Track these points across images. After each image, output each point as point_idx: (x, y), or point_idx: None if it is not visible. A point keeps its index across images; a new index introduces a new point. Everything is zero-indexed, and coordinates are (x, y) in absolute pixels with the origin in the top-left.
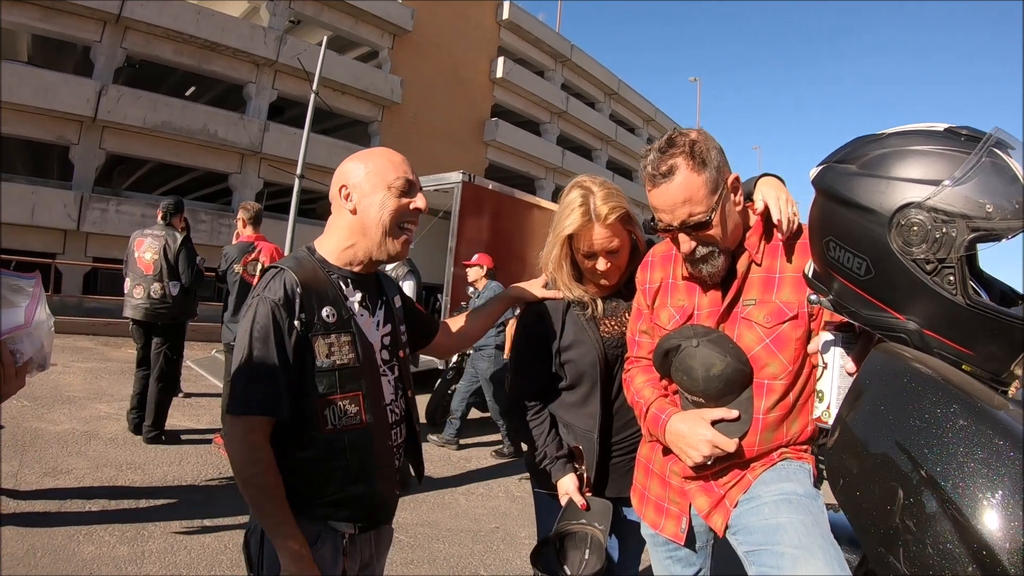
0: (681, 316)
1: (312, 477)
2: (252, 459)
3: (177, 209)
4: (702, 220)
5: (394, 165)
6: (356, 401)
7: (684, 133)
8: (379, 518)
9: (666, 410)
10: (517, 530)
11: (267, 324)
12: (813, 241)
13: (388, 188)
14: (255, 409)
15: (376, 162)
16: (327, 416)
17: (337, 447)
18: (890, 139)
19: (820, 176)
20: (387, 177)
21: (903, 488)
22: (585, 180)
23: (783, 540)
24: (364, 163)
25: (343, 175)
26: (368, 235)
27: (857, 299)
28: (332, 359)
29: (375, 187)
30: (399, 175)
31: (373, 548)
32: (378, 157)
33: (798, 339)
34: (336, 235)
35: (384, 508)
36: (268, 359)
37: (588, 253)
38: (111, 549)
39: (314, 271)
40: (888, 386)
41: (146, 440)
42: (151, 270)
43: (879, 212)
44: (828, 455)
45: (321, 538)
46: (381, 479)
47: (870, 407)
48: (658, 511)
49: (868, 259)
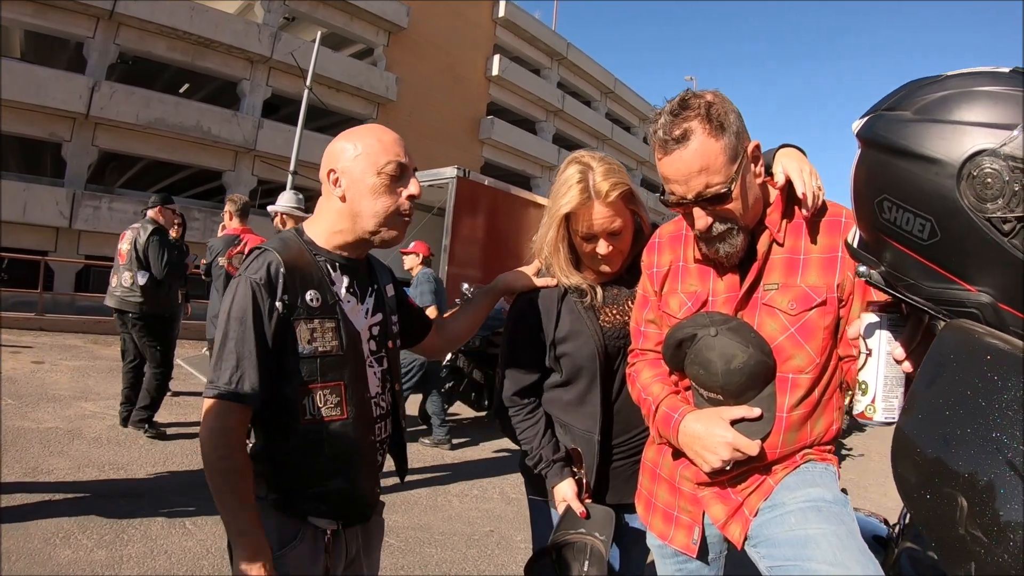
0: (694, 303)
1: (293, 470)
2: (219, 443)
3: (159, 202)
4: (720, 192)
5: (385, 147)
6: (337, 392)
7: (698, 95)
8: (357, 516)
9: (679, 408)
10: (512, 534)
11: (246, 305)
12: (860, 204)
13: (378, 174)
14: (225, 392)
15: (365, 143)
16: (305, 406)
17: (315, 439)
18: (950, 80)
19: (868, 126)
20: (377, 162)
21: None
22: (583, 155)
23: (815, 555)
24: (352, 143)
25: (332, 157)
26: (359, 223)
27: (918, 268)
28: (314, 345)
29: (364, 172)
30: (390, 158)
31: (360, 544)
32: (368, 137)
33: (826, 328)
34: (325, 219)
35: (363, 506)
36: (245, 341)
37: (587, 235)
38: (88, 553)
39: (300, 253)
40: (970, 368)
41: (133, 424)
42: (124, 259)
43: (946, 162)
44: (903, 460)
45: (301, 535)
46: (361, 476)
47: (952, 393)
48: (667, 520)
49: (933, 219)
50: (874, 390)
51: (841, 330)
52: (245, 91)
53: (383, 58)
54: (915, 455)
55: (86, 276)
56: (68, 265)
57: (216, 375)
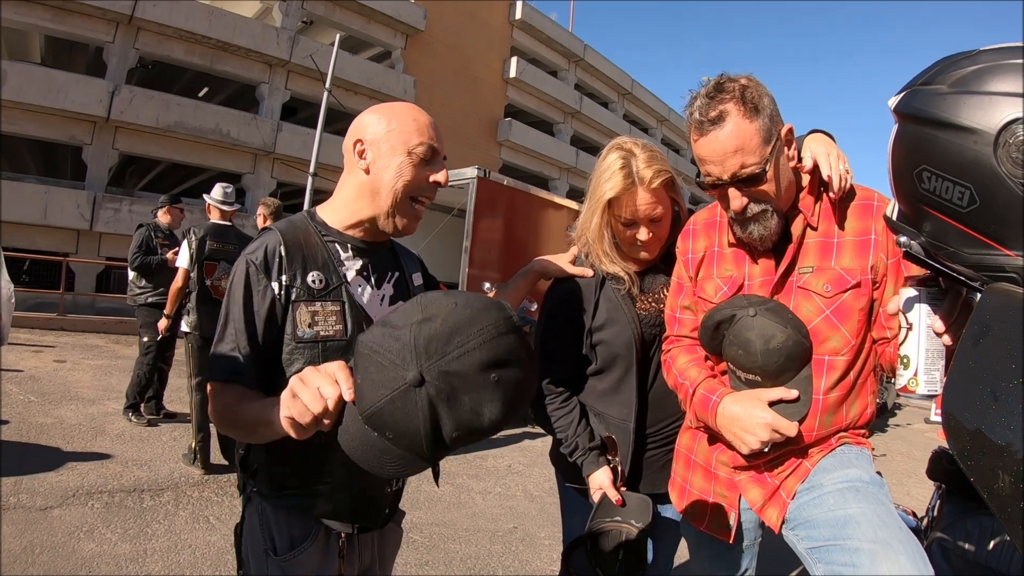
0: (730, 287)
1: (299, 462)
2: (223, 420)
3: (167, 202)
4: (755, 172)
5: (420, 128)
6: None
7: (733, 79)
8: (370, 515)
9: (717, 391)
10: (536, 530)
11: (240, 284)
12: (900, 176)
13: (408, 154)
14: (218, 373)
15: (400, 120)
16: None
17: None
18: (982, 55)
19: (906, 101)
20: (410, 141)
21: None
22: (626, 141)
23: (856, 534)
24: (386, 118)
25: (360, 127)
26: (377, 200)
27: (959, 236)
28: (315, 329)
29: (394, 149)
30: (423, 140)
31: (375, 551)
32: (403, 114)
33: (861, 310)
34: (342, 194)
35: (376, 505)
36: (237, 322)
37: (629, 221)
38: (112, 547)
39: (306, 233)
40: (1015, 327)
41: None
42: None
43: (983, 131)
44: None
45: (313, 536)
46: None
47: (999, 350)
48: (702, 506)
49: (972, 187)
50: (916, 363)
51: (875, 312)
52: (264, 94)
53: (400, 61)
54: (965, 413)
55: (107, 277)
56: (89, 266)
57: (212, 357)
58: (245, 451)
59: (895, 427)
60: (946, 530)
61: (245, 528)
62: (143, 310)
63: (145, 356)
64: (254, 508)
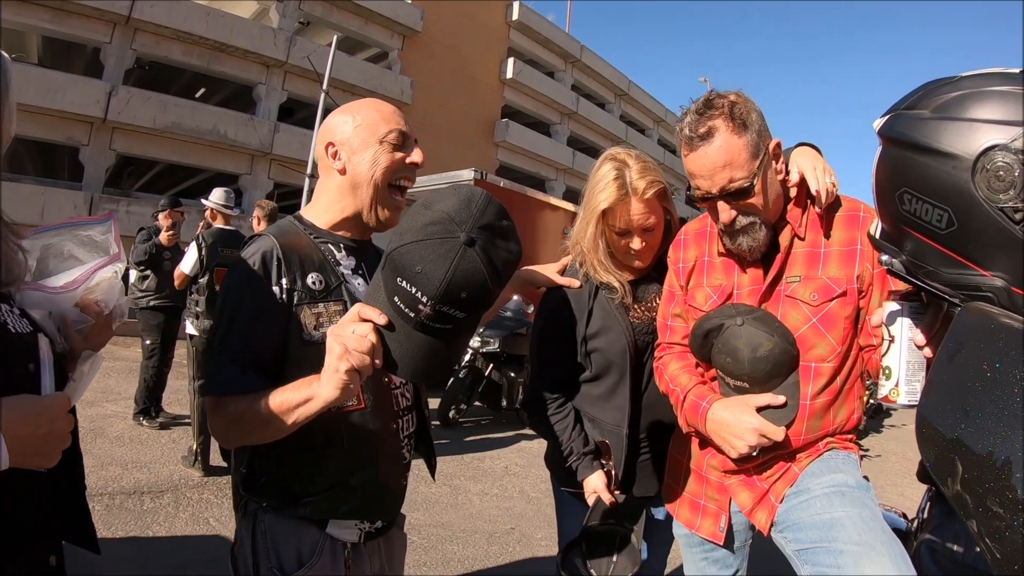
0: (719, 296)
1: (311, 467)
2: (231, 434)
3: (168, 205)
4: (743, 186)
5: (385, 116)
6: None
7: (722, 95)
8: (384, 511)
9: (707, 397)
10: (533, 531)
11: (240, 289)
12: (882, 197)
13: (380, 142)
14: (219, 388)
15: (364, 114)
16: None
17: (332, 431)
18: (964, 81)
19: (889, 125)
20: (378, 130)
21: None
22: (619, 152)
23: (841, 536)
24: (351, 115)
25: (328, 131)
26: (359, 194)
27: (937, 256)
28: (321, 331)
29: (365, 142)
30: (391, 127)
31: (383, 558)
32: (366, 108)
33: (847, 318)
34: (323, 197)
35: (390, 501)
36: (239, 329)
37: (623, 230)
38: (113, 549)
39: (297, 236)
40: (987, 346)
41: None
42: None
43: (961, 156)
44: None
45: (320, 550)
46: (386, 469)
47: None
48: (694, 509)
49: (950, 210)
50: (897, 374)
51: (861, 320)
52: (261, 95)
53: (398, 61)
54: (937, 428)
55: None
56: None
57: (211, 371)
58: (248, 469)
59: (890, 428)
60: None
61: (246, 550)
62: (144, 313)
63: (149, 360)
64: (258, 527)
